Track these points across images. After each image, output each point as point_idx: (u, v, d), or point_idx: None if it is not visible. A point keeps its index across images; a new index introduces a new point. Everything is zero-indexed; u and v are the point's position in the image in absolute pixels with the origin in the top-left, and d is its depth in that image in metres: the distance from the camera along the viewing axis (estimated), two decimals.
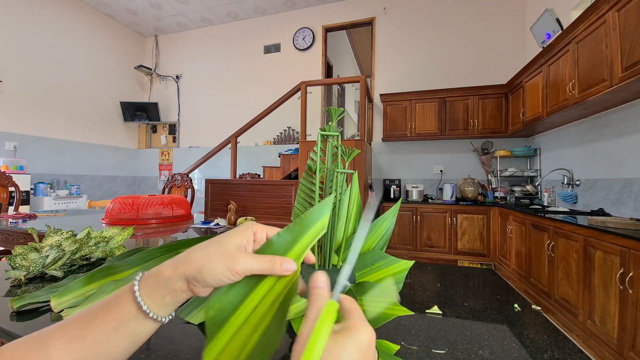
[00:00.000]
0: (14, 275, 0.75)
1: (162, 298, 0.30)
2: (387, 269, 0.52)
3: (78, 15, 4.56)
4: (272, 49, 4.94)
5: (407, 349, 0.49)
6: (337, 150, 0.54)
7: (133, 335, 0.30)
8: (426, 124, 3.79)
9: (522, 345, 0.50)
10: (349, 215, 0.55)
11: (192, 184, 3.11)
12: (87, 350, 0.28)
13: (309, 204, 0.57)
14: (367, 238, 0.56)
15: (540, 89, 2.78)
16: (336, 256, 0.54)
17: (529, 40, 3.59)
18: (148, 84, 5.74)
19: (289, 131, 4.74)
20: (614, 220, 1.76)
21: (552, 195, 3.07)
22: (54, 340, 0.28)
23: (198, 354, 0.47)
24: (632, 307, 1.44)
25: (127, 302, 0.30)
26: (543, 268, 2.29)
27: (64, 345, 0.28)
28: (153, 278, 0.31)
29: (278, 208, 1.83)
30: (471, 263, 3.34)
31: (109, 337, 0.29)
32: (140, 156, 5.69)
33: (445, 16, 4.08)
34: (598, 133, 2.47)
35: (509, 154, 3.56)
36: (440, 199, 3.85)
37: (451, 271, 0.90)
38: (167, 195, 1.91)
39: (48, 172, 4.17)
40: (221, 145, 3.81)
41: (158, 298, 0.30)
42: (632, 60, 1.70)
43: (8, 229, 1.58)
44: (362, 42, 6.00)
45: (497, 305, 0.66)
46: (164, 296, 0.30)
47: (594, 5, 1.98)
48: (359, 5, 4.46)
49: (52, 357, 0.28)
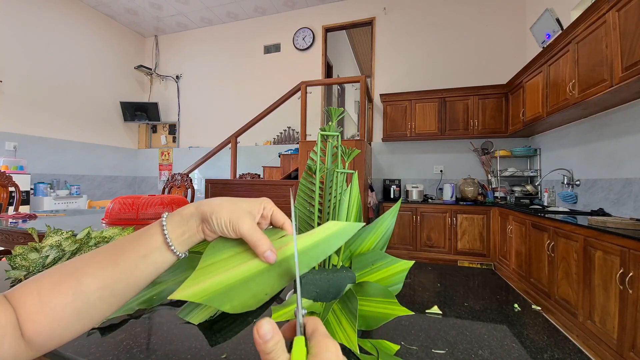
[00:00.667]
0: (14, 275, 0.75)
1: (182, 234, 0.35)
2: (387, 269, 0.52)
3: (78, 15, 4.56)
4: (272, 49, 4.94)
5: (407, 349, 0.49)
6: (337, 150, 0.54)
7: (156, 264, 0.34)
8: (426, 124, 3.79)
9: (522, 345, 0.50)
10: (348, 216, 0.55)
11: (192, 184, 3.10)
12: (118, 275, 0.32)
13: (309, 204, 0.57)
14: (367, 238, 0.56)
15: (540, 89, 2.78)
16: (336, 256, 0.54)
17: (529, 40, 3.59)
18: (148, 84, 5.74)
19: (289, 131, 4.74)
20: (614, 220, 1.76)
21: (552, 195, 3.07)
22: (85, 268, 0.31)
23: (198, 353, 0.47)
24: (632, 307, 1.44)
25: (155, 234, 0.35)
26: (543, 268, 2.29)
27: (95, 272, 0.31)
28: (178, 216, 0.36)
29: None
30: (471, 263, 3.34)
31: (137, 263, 0.33)
32: (140, 156, 5.69)
33: (445, 16, 4.08)
34: (598, 133, 2.47)
35: (509, 154, 3.56)
36: (440, 199, 3.85)
37: (451, 271, 0.90)
38: (167, 196, 1.91)
39: (48, 172, 4.17)
40: (221, 145, 3.81)
41: (179, 234, 0.35)
42: (632, 60, 1.70)
43: (8, 229, 1.58)
44: (362, 42, 6.00)
45: (497, 305, 0.66)
46: (183, 233, 0.36)
47: (594, 5, 1.98)
48: (359, 5, 4.46)
49: (83, 284, 0.30)
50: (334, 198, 0.53)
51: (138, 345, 0.50)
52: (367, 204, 3.36)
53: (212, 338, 0.52)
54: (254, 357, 0.48)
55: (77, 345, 0.49)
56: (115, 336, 0.52)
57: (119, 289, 0.32)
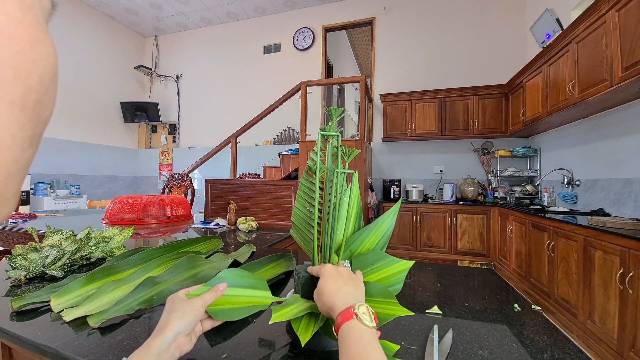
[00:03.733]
0: (14, 275, 0.75)
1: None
2: (387, 269, 0.52)
3: (78, 15, 4.56)
4: (272, 49, 4.94)
5: (407, 349, 0.49)
6: (337, 150, 0.54)
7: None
8: (426, 124, 3.79)
9: (522, 345, 0.50)
10: (348, 215, 0.55)
11: (192, 184, 3.10)
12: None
13: (309, 203, 0.57)
14: (367, 238, 0.56)
15: (540, 89, 2.78)
16: (336, 256, 0.54)
17: (529, 40, 3.59)
18: (148, 84, 5.74)
19: (289, 131, 4.73)
20: (614, 220, 1.76)
21: (552, 195, 3.07)
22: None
23: (198, 353, 0.47)
24: (632, 307, 1.44)
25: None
26: (543, 268, 2.29)
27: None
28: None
29: (278, 208, 1.83)
30: (471, 263, 3.34)
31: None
32: (140, 156, 5.69)
33: (445, 16, 4.08)
34: (598, 133, 2.47)
35: (509, 154, 3.56)
36: (440, 199, 3.85)
37: (451, 271, 0.90)
38: (167, 196, 1.91)
39: (48, 172, 4.17)
40: (221, 145, 3.81)
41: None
42: (632, 60, 1.70)
43: (8, 229, 1.58)
44: (362, 42, 6.00)
45: (497, 305, 0.66)
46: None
47: (594, 5, 1.98)
48: (359, 5, 4.46)
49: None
50: (334, 198, 0.53)
51: (138, 345, 0.49)
52: (367, 204, 3.36)
53: (212, 338, 0.52)
54: (254, 357, 0.48)
55: (77, 345, 0.49)
56: (115, 336, 0.52)
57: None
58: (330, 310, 0.40)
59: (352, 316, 0.37)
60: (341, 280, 0.43)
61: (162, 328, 0.39)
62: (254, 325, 0.56)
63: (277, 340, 0.52)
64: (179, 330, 0.39)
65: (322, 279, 0.44)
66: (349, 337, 0.35)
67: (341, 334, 0.36)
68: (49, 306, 0.60)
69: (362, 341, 0.34)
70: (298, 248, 1.39)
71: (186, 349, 0.40)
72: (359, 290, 0.43)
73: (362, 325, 0.36)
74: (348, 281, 0.44)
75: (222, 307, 0.45)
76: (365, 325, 0.36)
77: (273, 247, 1.27)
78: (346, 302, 0.39)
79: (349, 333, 0.35)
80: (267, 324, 0.43)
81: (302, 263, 0.70)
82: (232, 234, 1.50)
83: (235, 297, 0.48)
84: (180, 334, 0.40)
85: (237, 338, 0.52)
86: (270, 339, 0.52)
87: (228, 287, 0.47)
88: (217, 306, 0.45)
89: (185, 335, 0.40)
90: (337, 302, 0.40)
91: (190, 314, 0.41)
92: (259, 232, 1.54)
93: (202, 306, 0.42)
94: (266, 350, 0.49)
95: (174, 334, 0.39)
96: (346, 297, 0.40)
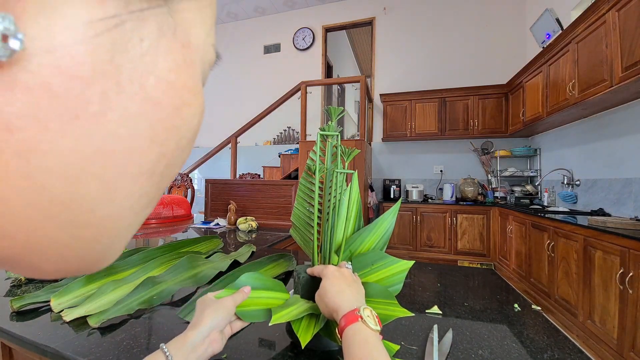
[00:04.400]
0: (14, 275, 0.75)
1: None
2: (387, 269, 0.52)
3: None
4: (272, 49, 4.94)
5: (407, 349, 0.49)
6: (336, 150, 0.54)
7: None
8: (426, 124, 3.79)
9: (522, 345, 0.50)
10: (348, 215, 0.55)
11: (192, 184, 3.10)
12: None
13: (308, 204, 0.57)
14: (367, 238, 0.56)
15: (540, 89, 2.78)
16: (336, 256, 0.54)
17: (529, 40, 3.59)
18: None
19: (289, 131, 4.73)
20: (614, 220, 1.75)
21: (552, 195, 3.07)
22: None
23: None
24: (632, 307, 1.44)
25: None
26: (543, 268, 2.29)
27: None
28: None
29: (278, 208, 1.83)
30: (471, 263, 3.34)
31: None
32: None
33: (445, 16, 4.08)
34: (598, 133, 2.47)
35: (509, 154, 3.56)
36: (440, 199, 3.84)
37: (451, 271, 0.90)
38: (167, 195, 1.91)
39: None
40: (221, 145, 3.81)
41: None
42: (632, 60, 1.70)
43: None
44: (362, 42, 6.00)
45: (497, 305, 0.66)
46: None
47: (594, 5, 1.98)
48: (359, 5, 4.46)
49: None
50: (334, 198, 0.53)
51: (138, 345, 0.50)
52: (367, 204, 3.36)
53: None
54: (254, 357, 0.48)
55: (77, 345, 0.49)
56: (115, 336, 0.52)
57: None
58: (333, 312, 0.40)
59: (357, 319, 0.37)
60: (344, 282, 0.43)
61: (197, 323, 0.40)
62: (254, 325, 0.56)
63: (277, 341, 0.52)
64: (213, 325, 0.40)
65: (326, 280, 0.44)
66: (354, 341, 0.35)
67: (345, 336, 0.36)
68: (49, 306, 0.60)
69: (367, 345, 0.34)
70: (298, 248, 1.39)
71: (217, 347, 0.41)
72: (361, 293, 0.43)
73: (367, 328, 0.36)
74: (351, 283, 0.44)
75: (248, 308, 0.47)
76: (370, 329, 0.36)
77: (273, 247, 1.27)
78: (350, 305, 0.39)
79: (354, 336, 0.35)
80: (267, 324, 0.43)
81: (302, 263, 0.70)
82: (232, 234, 1.50)
83: (258, 299, 0.49)
84: (214, 329, 0.40)
85: (237, 338, 0.52)
86: (271, 339, 0.52)
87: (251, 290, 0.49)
88: (244, 307, 0.46)
89: (219, 332, 0.41)
90: (342, 304, 0.39)
91: (223, 311, 0.42)
92: (259, 232, 1.54)
93: (232, 305, 0.43)
94: (266, 351, 0.49)
95: (209, 328, 0.40)
96: (350, 299, 0.40)
